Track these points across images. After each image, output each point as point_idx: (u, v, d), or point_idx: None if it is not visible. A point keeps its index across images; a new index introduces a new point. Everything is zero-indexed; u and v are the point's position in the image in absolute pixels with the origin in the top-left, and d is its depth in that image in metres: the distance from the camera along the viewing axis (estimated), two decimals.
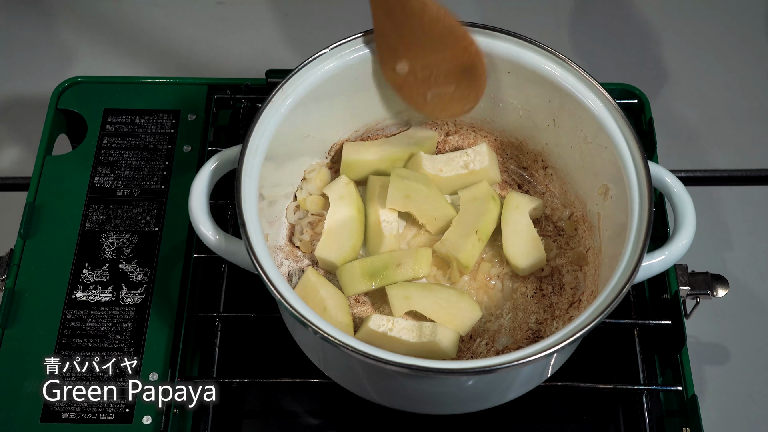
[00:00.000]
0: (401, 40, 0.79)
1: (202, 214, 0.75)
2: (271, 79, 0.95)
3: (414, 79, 0.81)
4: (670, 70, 1.25)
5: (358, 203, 0.84)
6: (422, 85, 0.82)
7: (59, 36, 1.27)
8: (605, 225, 0.80)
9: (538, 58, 0.80)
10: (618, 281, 0.69)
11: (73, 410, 0.78)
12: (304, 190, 0.86)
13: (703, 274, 0.86)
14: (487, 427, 0.81)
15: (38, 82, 1.21)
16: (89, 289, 0.84)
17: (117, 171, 0.91)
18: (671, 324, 0.82)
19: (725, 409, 0.99)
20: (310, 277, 0.79)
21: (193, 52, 1.25)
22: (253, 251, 0.69)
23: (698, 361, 0.97)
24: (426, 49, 0.79)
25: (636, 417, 0.80)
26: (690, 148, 1.18)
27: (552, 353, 0.66)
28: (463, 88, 0.82)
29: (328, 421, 0.83)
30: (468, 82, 0.81)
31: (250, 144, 0.75)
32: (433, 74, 0.81)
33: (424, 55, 0.79)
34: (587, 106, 0.78)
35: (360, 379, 0.76)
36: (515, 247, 0.82)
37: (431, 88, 0.82)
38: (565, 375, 0.79)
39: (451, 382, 0.71)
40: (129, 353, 0.81)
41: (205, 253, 0.84)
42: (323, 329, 0.66)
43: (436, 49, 0.79)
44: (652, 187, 0.74)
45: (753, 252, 1.11)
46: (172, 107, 0.96)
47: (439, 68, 0.80)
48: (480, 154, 0.86)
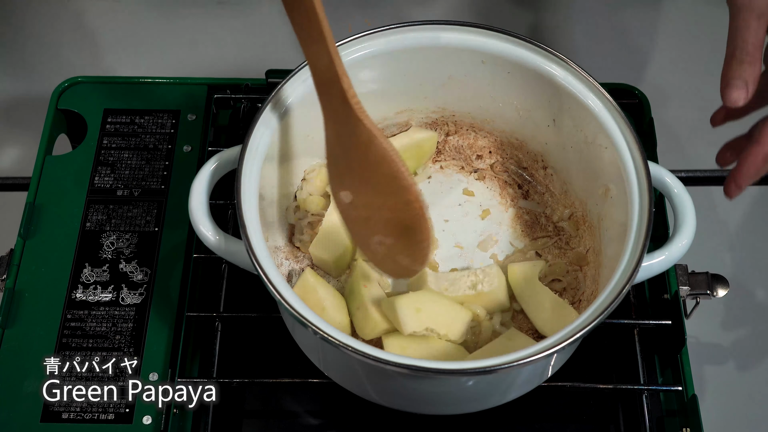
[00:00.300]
0: (347, 167, 0.71)
1: (202, 214, 0.75)
2: (271, 79, 0.95)
3: (356, 215, 0.72)
4: (670, 70, 1.25)
5: None
6: (363, 224, 0.72)
7: (59, 36, 1.27)
8: (605, 225, 0.80)
9: (538, 58, 0.80)
10: (618, 281, 0.69)
11: (73, 410, 0.78)
12: (304, 190, 0.86)
13: (703, 274, 0.86)
14: (487, 427, 0.81)
15: (38, 82, 1.21)
16: (89, 289, 0.84)
17: (117, 171, 0.91)
18: (671, 324, 0.82)
19: (725, 409, 0.99)
20: (309, 277, 0.79)
21: (193, 52, 1.25)
22: (253, 251, 0.69)
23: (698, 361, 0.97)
24: (368, 187, 0.70)
25: (636, 417, 0.80)
26: (690, 148, 1.18)
27: (552, 353, 0.66)
28: (403, 246, 0.71)
29: (328, 421, 0.83)
30: (407, 242, 0.70)
31: (250, 144, 0.75)
32: (373, 217, 0.71)
33: (366, 193, 0.71)
34: (587, 106, 0.78)
35: (360, 379, 0.76)
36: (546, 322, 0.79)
37: (372, 232, 0.72)
38: (565, 375, 0.79)
39: (451, 382, 0.71)
40: (129, 353, 0.81)
41: (205, 253, 0.84)
42: (323, 329, 0.66)
43: (377, 191, 0.70)
44: (652, 187, 0.74)
45: (753, 252, 1.10)
46: (172, 107, 0.96)
47: (380, 213, 0.71)
48: (489, 276, 0.80)
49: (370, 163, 0.69)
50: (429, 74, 0.84)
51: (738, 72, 0.72)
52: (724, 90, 0.73)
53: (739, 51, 0.72)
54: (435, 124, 0.91)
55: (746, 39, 0.72)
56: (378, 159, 0.68)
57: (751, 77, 0.72)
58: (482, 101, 0.87)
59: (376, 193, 0.70)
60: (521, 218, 0.88)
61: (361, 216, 0.71)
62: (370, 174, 0.69)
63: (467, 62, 0.83)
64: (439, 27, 0.81)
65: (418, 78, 0.85)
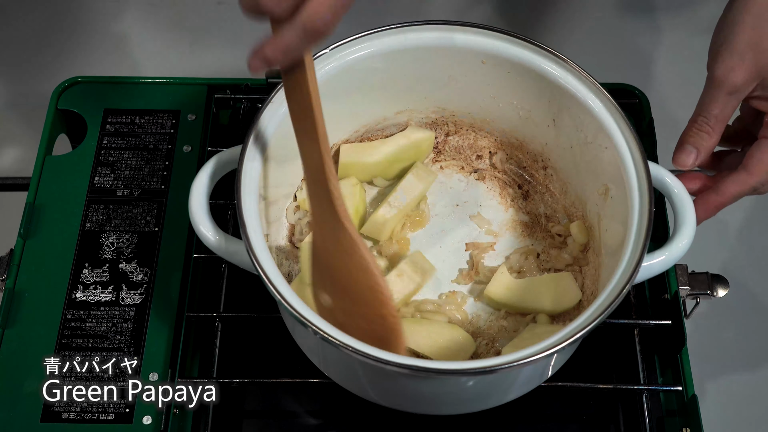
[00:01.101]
0: (328, 272, 0.71)
1: (202, 214, 0.75)
2: (271, 79, 0.95)
3: (334, 320, 0.69)
4: (670, 70, 1.25)
5: (358, 206, 0.84)
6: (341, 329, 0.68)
7: (59, 36, 1.27)
8: (605, 225, 0.80)
9: (538, 58, 0.80)
10: (618, 282, 0.69)
11: (73, 410, 0.78)
12: (304, 190, 0.86)
13: (703, 274, 0.86)
14: (487, 427, 0.81)
15: (38, 82, 1.21)
16: (89, 289, 0.84)
17: (117, 171, 0.91)
18: (671, 324, 0.82)
19: (725, 409, 0.99)
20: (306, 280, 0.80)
21: (193, 52, 1.25)
22: (253, 251, 0.69)
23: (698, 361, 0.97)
24: (347, 295, 0.70)
25: (636, 417, 0.80)
26: None
27: (552, 354, 0.66)
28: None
29: (328, 421, 0.83)
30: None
31: (250, 144, 0.75)
32: (350, 324, 0.69)
33: (345, 299, 0.71)
34: (587, 106, 0.78)
35: (360, 379, 0.76)
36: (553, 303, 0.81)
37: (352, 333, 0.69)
38: (566, 375, 0.79)
39: (452, 382, 0.71)
40: (129, 353, 0.81)
41: (205, 253, 0.83)
42: (323, 329, 0.66)
43: (355, 300, 0.70)
44: (652, 187, 0.74)
45: (753, 252, 1.11)
46: (172, 107, 0.96)
47: (357, 322, 0.70)
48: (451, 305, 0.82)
49: (350, 271, 0.69)
50: (429, 74, 0.84)
51: (693, 139, 0.78)
52: (675, 151, 0.79)
53: (701, 120, 0.77)
54: (435, 124, 0.91)
55: (711, 111, 0.77)
56: (358, 268, 0.68)
57: (704, 147, 0.78)
58: (482, 101, 0.87)
59: (354, 301, 0.70)
60: (521, 218, 0.88)
61: (340, 321, 0.69)
62: (350, 281, 0.69)
63: (467, 62, 0.83)
64: (439, 27, 0.81)
65: (418, 78, 0.85)
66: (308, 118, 0.67)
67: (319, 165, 0.69)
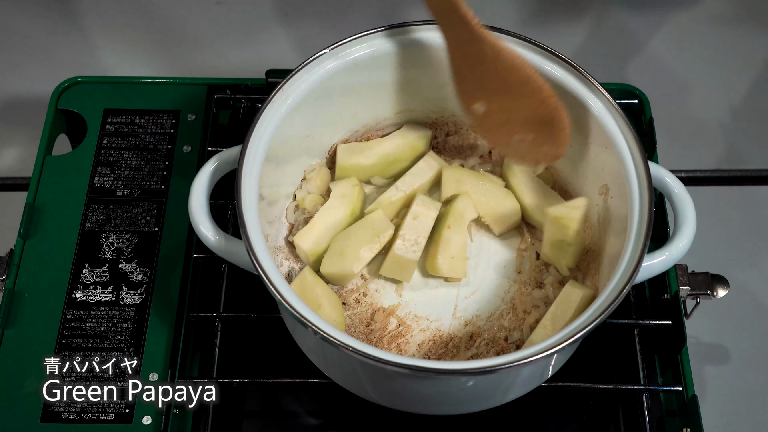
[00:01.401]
0: (477, 82, 0.78)
1: (202, 214, 0.75)
2: (271, 79, 0.95)
3: (492, 121, 0.80)
4: (670, 70, 1.25)
5: (355, 208, 0.84)
6: (501, 128, 0.80)
7: (59, 36, 1.27)
8: (605, 225, 0.80)
9: (538, 58, 0.80)
10: (618, 282, 0.69)
11: (73, 410, 0.78)
12: (304, 189, 0.86)
13: (703, 274, 0.86)
14: (487, 427, 0.81)
15: (38, 82, 1.21)
16: (89, 289, 0.84)
17: (117, 171, 0.91)
18: (671, 324, 0.82)
19: (725, 409, 0.99)
20: (307, 275, 0.80)
21: (193, 52, 1.25)
22: (253, 251, 0.69)
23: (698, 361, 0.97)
24: (502, 95, 0.77)
25: (636, 417, 0.80)
26: (690, 148, 1.18)
27: (552, 353, 0.66)
28: (544, 137, 0.78)
29: (328, 421, 0.83)
30: (548, 133, 0.77)
31: (250, 144, 0.75)
32: (510, 119, 0.78)
33: (500, 100, 0.78)
34: (587, 106, 0.78)
35: (360, 379, 0.76)
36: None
37: (511, 133, 0.79)
38: (566, 375, 0.79)
39: (452, 382, 0.71)
40: (129, 353, 0.81)
41: (205, 253, 0.84)
42: (323, 329, 0.66)
43: (511, 96, 0.77)
44: (652, 187, 0.74)
45: (753, 252, 1.11)
46: (172, 107, 0.96)
47: (517, 115, 0.78)
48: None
49: (499, 74, 0.75)
50: (429, 74, 0.84)
51: None
52: None
53: None
54: (435, 124, 0.91)
55: None
56: (507, 68, 0.75)
57: None
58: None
59: (510, 97, 0.76)
60: None
61: (499, 121, 0.78)
62: (502, 83, 0.76)
63: None
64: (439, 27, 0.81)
65: (418, 78, 0.85)
66: None
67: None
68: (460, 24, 0.74)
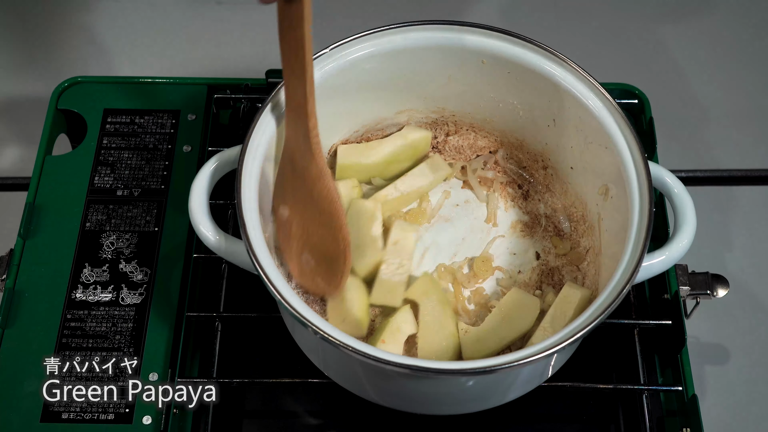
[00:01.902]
0: (292, 189, 0.77)
1: (202, 214, 0.75)
2: (271, 79, 0.95)
3: (289, 230, 0.79)
4: (670, 70, 1.25)
5: None
6: (293, 240, 0.79)
7: (59, 36, 1.27)
8: (605, 225, 0.80)
9: (538, 58, 0.80)
10: (618, 282, 0.69)
11: (73, 410, 0.78)
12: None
13: (703, 274, 0.86)
14: (487, 427, 0.81)
15: (38, 82, 1.21)
16: (89, 289, 0.84)
17: (117, 171, 0.91)
18: (671, 324, 0.82)
19: (725, 409, 0.99)
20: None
21: (193, 52, 1.25)
22: (253, 251, 0.69)
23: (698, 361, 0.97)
24: (306, 213, 0.77)
25: (636, 417, 0.80)
26: (690, 148, 1.18)
27: (552, 353, 0.66)
28: (323, 271, 0.77)
29: (328, 421, 0.83)
30: (328, 270, 0.77)
31: (250, 144, 0.75)
32: (303, 238, 0.78)
33: (303, 216, 0.77)
34: (587, 106, 0.78)
35: (360, 379, 0.76)
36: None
37: (300, 249, 0.78)
38: (566, 375, 0.79)
39: (452, 382, 0.71)
40: (129, 353, 0.81)
41: (205, 253, 0.84)
42: (323, 329, 0.66)
43: (313, 219, 0.76)
44: (652, 187, 0.74)
45: (753, 252, 1.11)
46: (172, 107, 0.96)
47: (310, 238, 0.77)
48: None
49: (313, 196, 0.75)
50: (429, 74, 0.84)
51: None
52: None
53: None
54: (435, 124, 0.91)
55: None
56: (322, 194, 0.75)
57: None
58: (482, 101, 0.87)
59: (311, 220, 0.77)
60: (521, 218, 0.88)
61: (295, 233, 0.78)
62: (312, 204, 0.76)
63: (467, 62, 0.83)
64: (439, 27, 0.81)
65: (418, 78, 0.85)
66: (299, 58, 0.72)
67: (302, 101, 0.73)
68: (303, 132, 0.74)
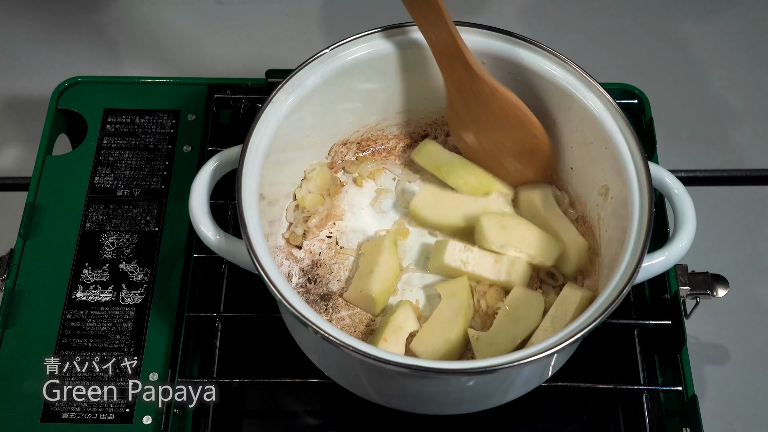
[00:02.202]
0: (469, 116, 0.83)
1: (202, 214, 0.75)
2: (271, 79, 0.95)
3: (480, 149, 0.86)
4: (670, 70, 1.25)
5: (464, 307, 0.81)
6: (488, 155, 0.86)
7: (59, 36, 1.27)
8: (605, 225, 0.80)
9: (538, 58, 0.80)
10: (618, 282, 0.69)
11: (73, 410, 0.78)
12: (304, 189, 0.86)
13: (703, 274, 0.86)
14: (487, 427, 0.81)
15: (38, 82, 1.21)
16: (89, 289, 0.84)
17: (117, 171, 0.91)
18: (671, 324, 0.82)
19: (725, 409, 0.99)
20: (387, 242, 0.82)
21: (193, 52, 1.25)
22: (254, 251, 0.69)
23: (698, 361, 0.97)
24: (493, 129, 0.83)
25: (636, 417, 0.80)
26: (690, 148, 1.18)
27: (552, 353, 0.66)
28: (528, 165, 0.85)
29: (328, 421, 0.83)
30: (532, 161, 0.84)
31: (250, 144, 0.75)
32: (498, 149, 0.84)
33: (491, 132, 0.84)
34: (587, 107, 0.78)
35: (360, 379, 0.76)
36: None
37: (498, 158, 0.85)
38: (566, 375, 0.79)
39: (452, 382, 0.71)
40: (129, 353, 0.81)
41: (205, 253, 0.84)
42: (323, 329, 0.66)
43: (502, 130, 0.82)
44: (652, 187, 0.74)
45: (753, 252, 1.10)
46: (172, 107, 0.96)
47: (504, 146, 0.84)
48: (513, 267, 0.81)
49: (493, 111, 0.81)
50: (429, 74, 0.84)
51: None
52: None
53: None
54: (435, 124, 0.91)
55: None
56: (501, 106, 0.80)
57: None
58: None
59: (500, 131, 0.82)
60: None
61: (487, 149, 0.85)
62: (493, 118, 0.82)
63: None
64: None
65: (418, 78, 0.85)
66: (431, 7, 0.75)
67: (449, 41, 0.77)
68: (461, 65, 0.79)
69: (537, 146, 0.83)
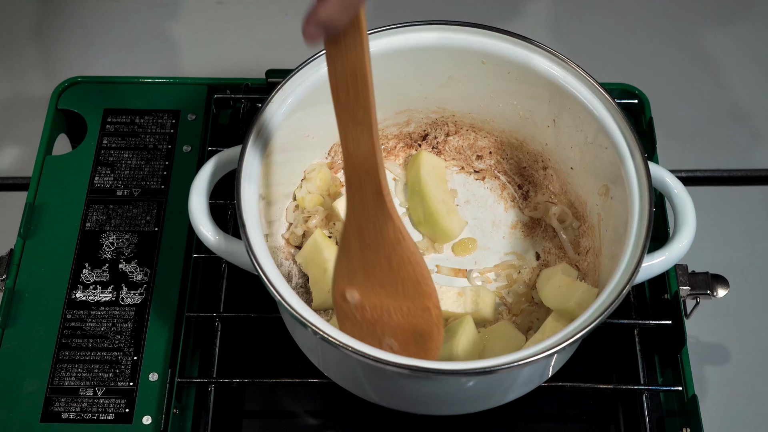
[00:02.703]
0: (362, 266, 0.67)
1: (202, 214, 0.75)
2: (271, 79, 0.95)
3: (360, 317, 0.69)
4: (670, 70, 1.25)
5: None
6: (367, 326, 0.69)
7: (60, 36, 1.27)
8: (605, 225, 0.80)
9: (538, 58, 0.80)
10: (618, 282, 0.69)
11: (73, 410, 0.78)
12: (304, 189, 0.86)
13: (703, 274, 0.86)
14: (487, 427, 0.81)
15: (38, 82, 1.21)
16: (89, 289, 0.84)
17: (117, 171, 0.91)
18: (671, 324, 0.82)
19: (725, 409, 0.99)
20: (318, 238, 0.81)
21: (193, 52, 1.25)
22: (253, 251, 0.69)
23: (698, 361, 0.97)
24: (384, 289, 0.67)
25: (636, 417, 0.80)
26: (690, 148, 1.18)
27: (552, 354, 0.66)
28: (412, 350, 0.69)
29: (328, 421, 0.83)
30: (417, 346, 0.69)
31: (250, 144, 0.75)
32: (383, 321, 0.68)
33: (380, 294, 0.67)
34: (587, 106, 0.78)
35: (360, 379, 0.76)
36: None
37: (380, 334, 0.69)
38: (566, 375, 0.79)
39: (452, 382, 0.71)
40: (129, 353, 0.81)
41: (205, 253, 0.84)
42: (323, 329, 0.66)
43: (394, 294, 0.67)
44: (652, 187, 0.74)
45: (753, 252, 1.10)
46: (172, 107, 0.96)
47: (390, 317, 0.68)
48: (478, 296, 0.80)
49: (392, 265, 0.65)
50: (429, 74, 0.84)
51: None
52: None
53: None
54: (435, 124, 0.91)
55: None
56: (403, 260, 0.65)
57: None
58: (482, 101, 0.87)
59: (391, 297, 0.67)
60: (521, 219, 0.88)
61: (371, 317, 0.68)
62: (390, 276, 0.66)
63: (467, 62, 0.83)
64: (439, 27, 0.81)
65: (418, 78, 0.85)
66: (358, 99, 0.59)
67: (368, 154, 0.62)
68: (371, 190, 0.64)
69: (427, 329, 0.67)
